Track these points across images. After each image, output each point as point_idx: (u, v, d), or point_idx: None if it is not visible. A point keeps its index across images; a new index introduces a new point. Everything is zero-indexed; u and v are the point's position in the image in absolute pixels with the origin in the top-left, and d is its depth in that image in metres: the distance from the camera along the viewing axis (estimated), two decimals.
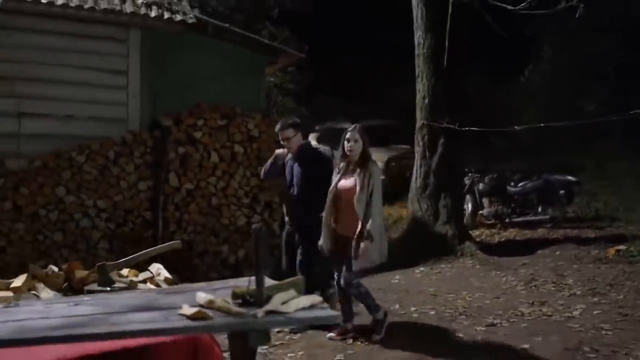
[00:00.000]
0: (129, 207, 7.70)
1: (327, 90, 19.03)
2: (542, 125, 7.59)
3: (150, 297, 2.83)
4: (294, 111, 16.85)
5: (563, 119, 8.79)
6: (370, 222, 4.95)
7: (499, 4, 6.66)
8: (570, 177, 10.22)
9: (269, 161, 6.14)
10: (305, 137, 6.08)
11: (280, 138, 5.83)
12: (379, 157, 12.09)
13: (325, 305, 2.48)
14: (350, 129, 5.22)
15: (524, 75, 18.17)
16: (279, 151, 6.00)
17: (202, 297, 2.44)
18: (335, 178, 5.24)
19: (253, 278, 2.46)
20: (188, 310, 2.31)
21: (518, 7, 6.39)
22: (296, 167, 5.78)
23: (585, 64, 15.91)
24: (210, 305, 2.37)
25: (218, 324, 2.26)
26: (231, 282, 3.00)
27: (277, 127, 5.86)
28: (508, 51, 15.73)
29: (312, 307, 2.42)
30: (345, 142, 5.16)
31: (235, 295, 2.48)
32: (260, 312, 2.28)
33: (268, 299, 2.40)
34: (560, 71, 16.80)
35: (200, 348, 2.94)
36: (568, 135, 13.66)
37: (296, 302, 2.41)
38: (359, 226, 4.94)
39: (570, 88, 16.10)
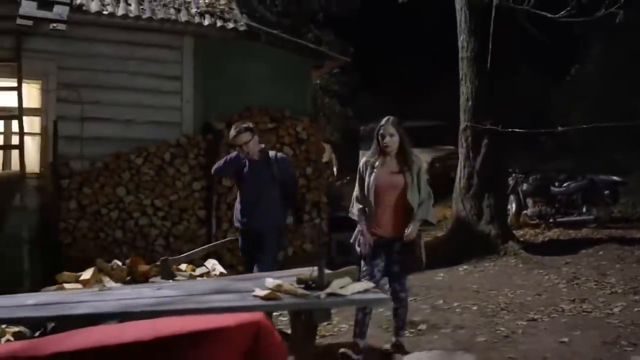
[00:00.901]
0: (183, 206, 8.02)
1: (371, 91, 19.20)
2: (584, 126, 7.67)
3: (223, 283, 3.18)
4: (340, 113, 17.14)
5: (613, 118, 8.80)
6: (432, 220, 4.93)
7: (538, 12, 6.77)
8: (615, 177, 10.17)
9: (232, 155, 5.71)
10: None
11: (237, 144, 5.50)
12: (424, 157, 12.30)
13: (377, 290, 2.81)
14: (382, 122, 4.78)
15: (570, 74, 18.03)
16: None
17: (271, 282, 2.79)
18: (367, 176, 4.77)
19: (314, 267, 2.81)
20: (261, 292, 2.66)
21: (558, 14, 6.49)
22: (263, 170, 5.54)
23: (634, 63, 15.72)
24: (278, 288, 2.71)
25: (287, 303, 2.61)
26: (294, 271, 3.34)
27: (232, 132, 5.52)
28: (556, 51, 15.65)
29: (365, 291, 2.76)
30: (380, 138, 4.76)
31: (299, 281, 2.83)
32: (322, 294, 2.61)
33: (328, 284, 2.74)
34: (609, 70, 16.61)
35: (262, 330, 3.24)
36: (617, 135, 13.54)
37: (352, 287, 2.75)
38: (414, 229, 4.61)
39: (621, 87, 15.91)
